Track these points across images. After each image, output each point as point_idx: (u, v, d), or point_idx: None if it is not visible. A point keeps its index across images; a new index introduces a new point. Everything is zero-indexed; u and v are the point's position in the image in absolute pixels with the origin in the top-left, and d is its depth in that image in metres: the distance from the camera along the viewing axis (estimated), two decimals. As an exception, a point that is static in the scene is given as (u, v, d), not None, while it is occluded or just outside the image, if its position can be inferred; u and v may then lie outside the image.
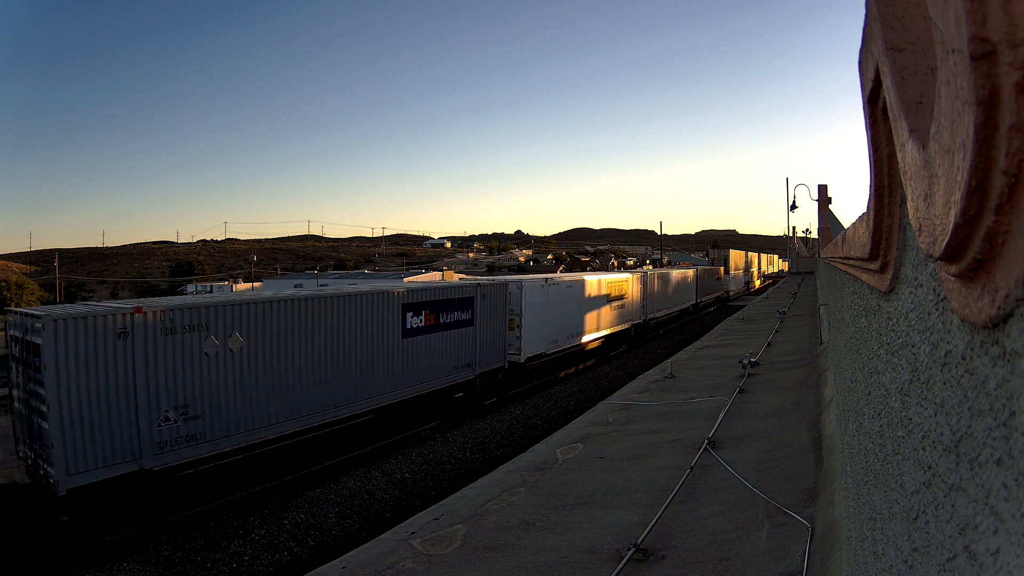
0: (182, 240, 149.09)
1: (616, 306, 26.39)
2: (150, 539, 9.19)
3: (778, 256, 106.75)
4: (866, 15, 1.34)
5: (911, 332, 1.35)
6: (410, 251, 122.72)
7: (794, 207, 24.65)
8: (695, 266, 48.40)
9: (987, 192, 0.62)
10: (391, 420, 14.01)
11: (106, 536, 8.96)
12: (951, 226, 0.70)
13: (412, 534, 6.23)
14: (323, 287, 19.06)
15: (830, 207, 18.79)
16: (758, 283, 78.91)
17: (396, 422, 14.10)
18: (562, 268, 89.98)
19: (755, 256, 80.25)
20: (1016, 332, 0.65)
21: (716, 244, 75.50)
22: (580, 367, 23.02)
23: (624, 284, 27.55)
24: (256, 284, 52.03)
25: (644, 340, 28.97)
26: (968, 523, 0.83)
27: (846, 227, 4.07)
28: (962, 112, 0.63)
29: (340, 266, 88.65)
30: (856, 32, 1.54)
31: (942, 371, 1.02)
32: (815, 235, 27.29)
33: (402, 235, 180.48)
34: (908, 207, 1.01)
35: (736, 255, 63.79)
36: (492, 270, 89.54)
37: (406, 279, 39.02)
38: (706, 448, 7.45)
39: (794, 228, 55.00)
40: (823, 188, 19.21)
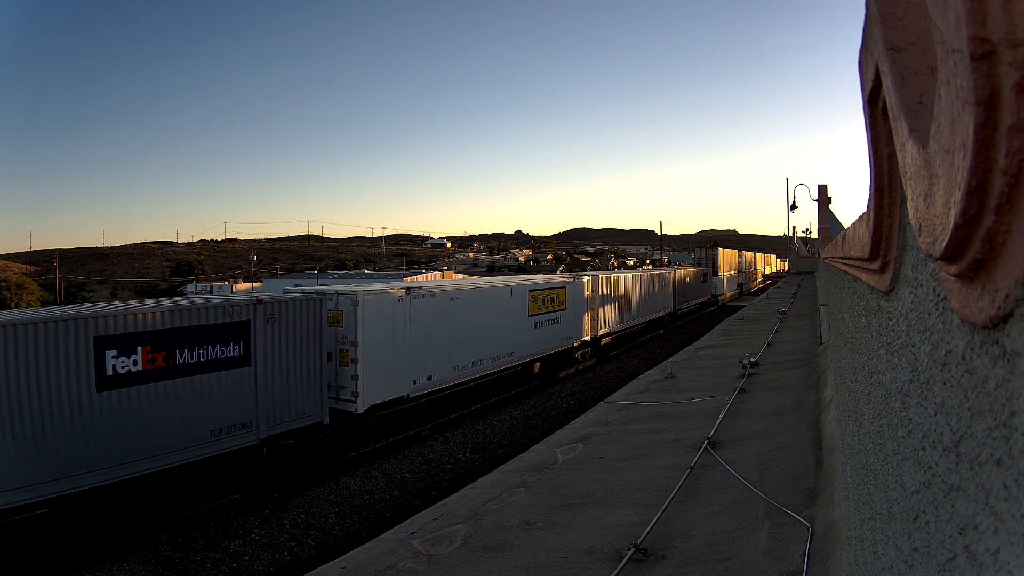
0: (182, 240, 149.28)
1: (547, 322, 20.21)
2: (150, 539, 9.19)
3: (776, 256, 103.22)
4: (866, 15, 1.34)
5: (911, 332, 1.35)
6: (410, 251, 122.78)
7: (794, 207, 24.66)
8: (674, 267, 43.32)
9: (987, 192, 0.62)
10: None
11: (106, 536, 8.96)
12: (951, 226, 0.70)
13: (412, 534, 6.23)
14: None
15: (830, 207, 18.80)
16: (757, 283, 76.95)
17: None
18: (562, 268, 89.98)
19: (750, 256, 72.82)
20: (1016, 332, 0.65)
21: (716, 244, 70.38)
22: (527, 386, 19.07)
23: (559, 293, 21.04)
24: (256, 284, 52.01)
25: (604, 359, 24.27)
26: (968, 523, 0.83)
27: (846, 227, 4.07)
28: (962, 112, 0.63)
29: (340, 266, 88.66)
30: (856, 32, 1.54)
31: (942, 371, 1.02)
32: (815, 235, 27.29)
33: (402, 235, 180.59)
34: (908, 207, 1.01)
35: (727, 254, 56.55)
36: (492, 270, 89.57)
37: (406, 279, 38.96)
38: (706, 448, 7.45)
39: (794, 228, 54.29)
40: (823, 188, 19.22)
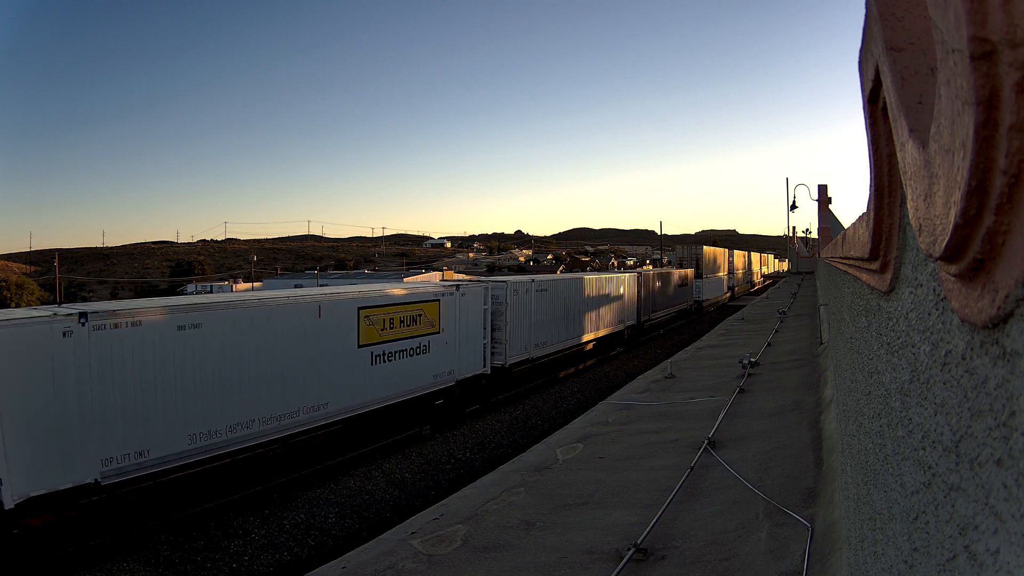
0: (182, 240, 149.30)
1: (407, 352, 13.50)
2: (150, 539, 9.19)
3: (774, 256, 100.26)
4: (866, 15, 1.34)
5: (911, 332, 1.35)
6: (410, 251, 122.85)
7: (794, 207, 24.69)
8: (638, 269, 37.21)
9: (987, 192, 0.62)
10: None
11: (106, 536, 8.96)
12: (951, 226, 0.70)
13: (412, 534, 6.23)
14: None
15: (830, 207, 18.83)
16: (758, 284, 74.97)
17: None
18: (562, 268, 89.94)
19: (742, 255, 65.03)
20: (1016, 332, 0.65)
21: (716, 244, 68.97)
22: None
23: (428, 310, 13.89)
24: (256, 284, 51.98)
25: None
26: (968, 523, 0.83)
27: (846, 227, 4.07)
28: (962, 112, 0.63)
29: (340, 266, 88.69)
30: (856, 32, 1.54)
31: (942, 371, 1.02)
32: (815, 235, 27.29)
33: (402, 235, 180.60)
34: (908, 207, 1.01)
35: (714, 253, 48.75)
36: (492, 270, 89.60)
37: (406, 279, 39.14)
38: (706, 448, 7.45)
39: (794, 228, 53.79)
40: (823, 188, 19.25)
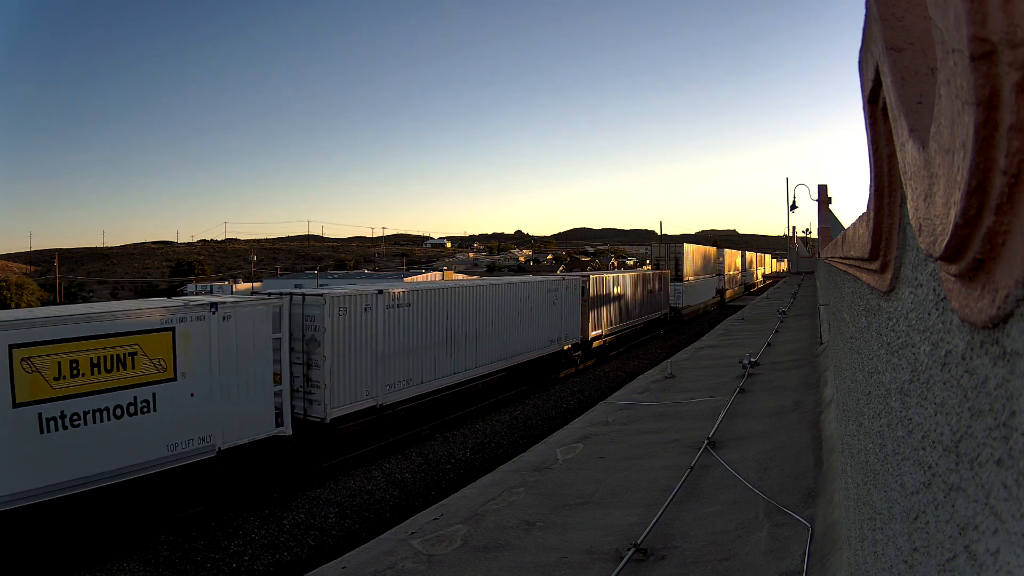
0: (182, 240, 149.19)
1: (109, 413, 8.62)
2: (150, 539, 9.19)
3: (771, 256, 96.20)
4: (866, 15, 1.34)
5: (911, 332, 1.35)
6: (410, 251, 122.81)
7: (794, 207, 24.68)
8: (586, 272, 28.23)
9: (987, 192, 0.62)
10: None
11: (106, 536, 8.96)
12: (951, 226, 0.70)
13: (412, 534, 6.23)
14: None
15: (830, 207, 18.82)
16: (756, 283, 73.08)
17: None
18: (562, 268, 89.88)
19: (733, 255, 57.56)
20: (1016, 332, 0.65)
21: (716, 244, 67.37)
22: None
23: (148, 344, 9.06)
24: (256, 284, 51.95)
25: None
26: (968, 523, 0.83)
27: (846, 227, 4.07)
28: (962, 112, 0.63)
29: (340, 266, 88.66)
30: (856, 32, 1.54)
31: (942, 371, 1.02)
32: (815, 235, 27.28)
33: (402, 235, 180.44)
34: (908, 207, 1.01)
35: (699, 253, 42.15)
36: (492, 270, 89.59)
37: (406, 279, 39.02)
38: (706, 448, 7.45)
39: (794, 228, 52.93)
40: (823, 188, 19.24)
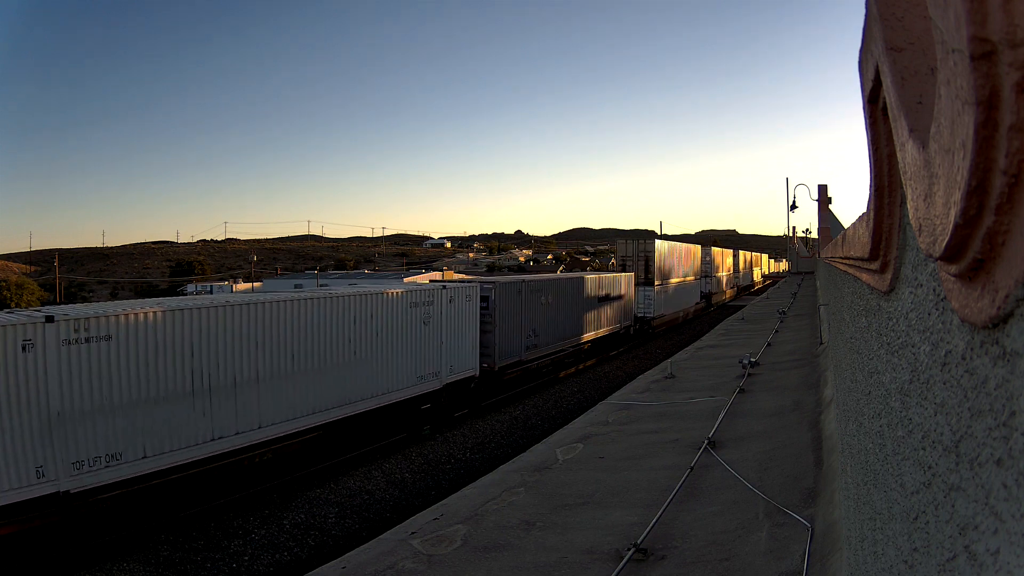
0: (182, 240, 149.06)
1: None
2: (150, 539, 9.19)
3: (768, 256, 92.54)
4: (866, 15, 1.34)
5: (911, 332, 1.35)
6: (410, 251, 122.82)
7: (794, 207, 24.70)
8: (489, 280, 20.15)
9: (987, 192, 0.62)
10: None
11: (106, 536, 8.96)
12: (951, 226, 0.70)
13: (412, 534, 6.23)
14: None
15: (830, 207, 18.84)
16: (756, 283, 71.17)
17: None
18: (562, 268, 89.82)
19: (722, 254, 50.45)
20: (1016, 332, 0.65)
21: (716, 244, 66.58)
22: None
23: None
24: (256, 284, 51.96)
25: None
26: (968, 523, 0.83)
27: (846, 227, 4.07)
28: (962, 112, 0.63)
29: (340, 266, 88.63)
30: (856, 32, 1.54)
31: (942, 371, 1.02)
32: (815, 235, 27.29)
33: (402, 235, 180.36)
34: (908, 207, 1.01)
35: (674, 251, 34.61)
36: (492, 270, 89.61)
37: (406, 279, 38.96)
38: (706, 448, 7.45)
39: (794, 228, 52.53)
40: (823, 188, 19.26)
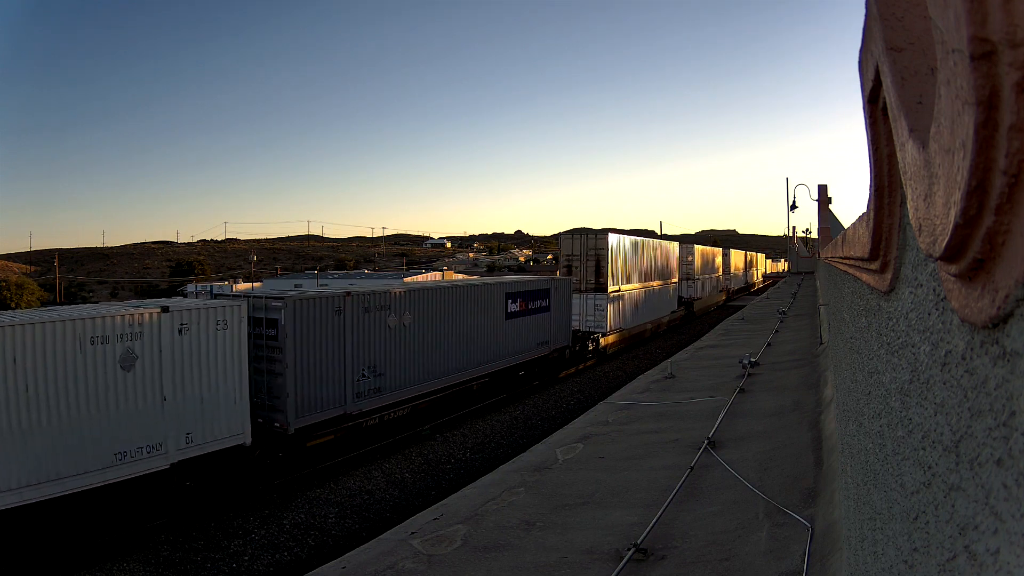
0: (182, 240, 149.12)
1: None
2: (150, 539, 9.19)
3: (765, 256, 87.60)
4: (866, 15, 1.34)
5: (911, 332, 1.35)
6: (410, 251, 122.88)
7: (794, 207, 24.68)
8: (257, 294, 12.46)
9: (987, 192, 0.62)
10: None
11: (106, 536, 8.96)
12: (951, 226, 0.70)
13: (412, 534, 6.23)
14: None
15: (830, 207, 18.81)
16: (756, 283, 69.79)
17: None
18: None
19: (711, 254, 44.44)
20: (1016, 332, 0.65)
21: (716, 243, 65.87)
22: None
23: None
24: (256, 284, 51.97)
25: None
26: (968, 523, 0.83)
27: (846, 227, 4.07)
28: (962, 112, 0.63)
29: (340, 266, 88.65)
30: (856, 32, 1.54)
31: (942, 371, 1.02)
32: (815, 235, 27.27)
33: (402, 235, 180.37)
34: (908, 207, 1.01)
35: (635, 249, 27.68)
36: (492, 270, 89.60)
37: (406, 279, 38.97)
38: (706, 448, 7.45)
39: (794, 228, 52.44)
40: (823, 188, 19.23)
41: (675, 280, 34.10)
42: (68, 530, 8.59)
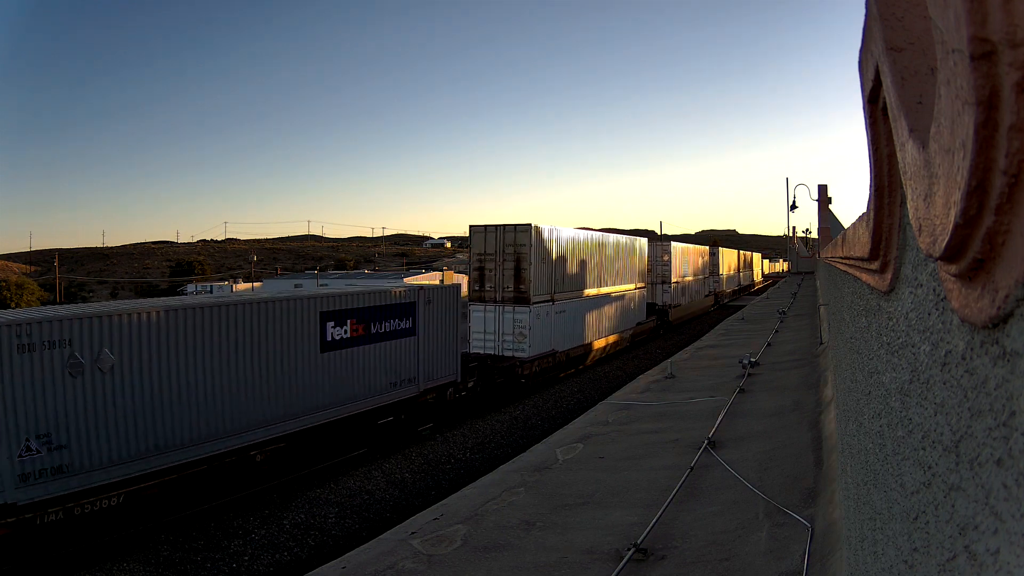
0: (182, 240, 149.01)
1: None
2: (150, 539, 9.19)
3: (763, 256, 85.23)
4: (866, 15, 1.34)
5: (911, 332, 1.35)
6: (410, 251, 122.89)
7: (794, 207, 24.70)
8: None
9: (987, 192, 0.62)
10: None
11: (106, 536, 8.96)
12: (951, 226, 0.70)
13: (412, 534, 6.23)
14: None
15: (830, 207, 18.83)
16: (756, 283, 71.97)
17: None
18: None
19: (695, 252, 39.03)
20: (1016, 332, 0.65)
21: (716, 243, 65.81)
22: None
23: None
24: (256, 284, 52.09)
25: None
26: (968, 523, 0.83)
27: (846, 227, 4.07)
28: (962, 112, 0.63)
29: (340, 266, 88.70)
30: (856, 32, 1.54)
31: (942, 371, 1.02)
32: (815, 235, 27.28)
33: (402, 235, 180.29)
34: (908, 207, 1.01)
35: (573, 247, 21.54)
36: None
37: (406, 279, 38.92)
38: (706, 448, 7.45)
39: (794, 228, 52.57)
40: (823, 188, 19.25)
41: (643, 285, 28.41)
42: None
